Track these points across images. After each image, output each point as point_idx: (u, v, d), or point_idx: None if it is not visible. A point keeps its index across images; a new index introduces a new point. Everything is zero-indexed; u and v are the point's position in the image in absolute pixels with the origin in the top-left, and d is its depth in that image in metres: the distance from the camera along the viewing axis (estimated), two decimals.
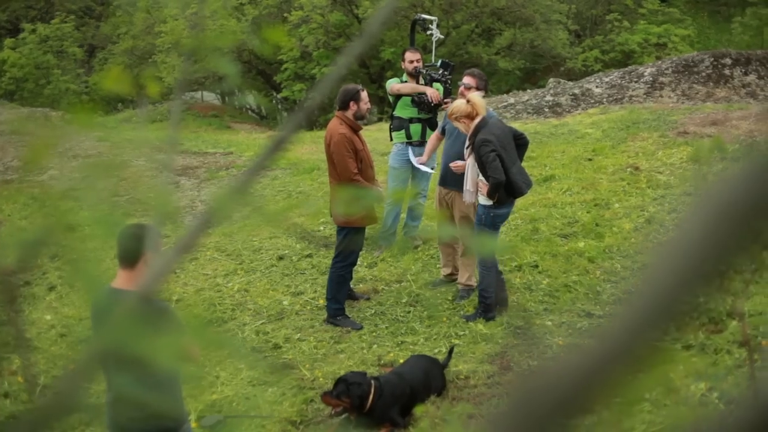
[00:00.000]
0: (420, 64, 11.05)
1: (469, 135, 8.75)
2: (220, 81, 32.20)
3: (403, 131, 11.04)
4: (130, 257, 5.10)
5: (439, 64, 11.07)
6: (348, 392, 7.03)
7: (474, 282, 9.70)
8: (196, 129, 27.29)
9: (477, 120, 8.69)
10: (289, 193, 14.80)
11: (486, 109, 8.94)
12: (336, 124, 9.20)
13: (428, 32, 12.10)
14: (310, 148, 17.76)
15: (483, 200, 8.81)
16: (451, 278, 10.11)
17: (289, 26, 33.05)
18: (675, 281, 0.82)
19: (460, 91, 9.67)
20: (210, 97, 39.56)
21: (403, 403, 7.20)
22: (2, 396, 8.25)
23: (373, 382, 7.14)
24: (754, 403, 0.88)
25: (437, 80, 10.83)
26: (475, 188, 8.87)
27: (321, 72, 32.18)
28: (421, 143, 10.92)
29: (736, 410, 0.90)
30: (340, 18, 33.47)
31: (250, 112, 39.89)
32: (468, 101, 8.79)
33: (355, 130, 9.23)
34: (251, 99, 40.39)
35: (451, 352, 8.06)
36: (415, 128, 10.94)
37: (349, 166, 8.99)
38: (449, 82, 10.84)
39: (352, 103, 9.18)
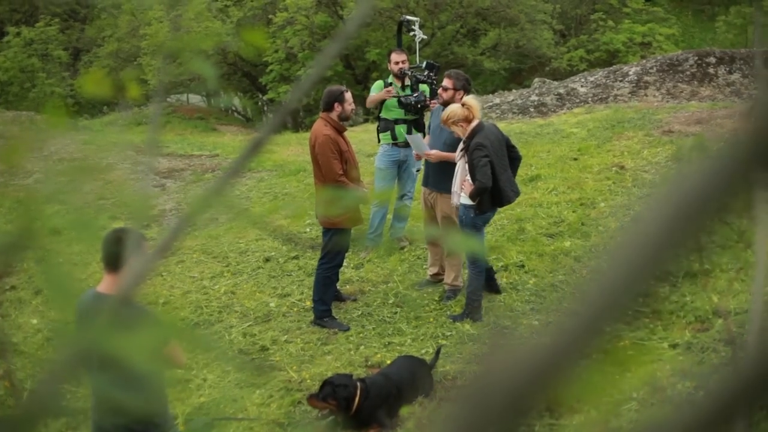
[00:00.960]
0: (406, 66, 11.05)
1: (464, 138, 8.75)
2: (205, 83, 32.22)
3: (388, 132, 11.05)
4: (115, 261, 5.10)
5: (424, 65, 11.08)
6: (334, 394, 7.02)
7: (460, 282, 9.70)
8: (182, 131, 27.28)
9: (473, 123, 8.70)
10: (275, 194, 14.79)
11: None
12: (321, 126, 9.19)
13: (411, 33, 12.11)
14: (295, 149, 17.77)
15: (465, 200, 8.82)
16: (437, 278, 10.11)
17: (274, 28, 33.08)
18: (624, 276, 0.83)
19: (439, 93, 9.69)
20: (195, 99, 39.55)
21: (390, 404, 7.20)
22: None
23: (359, 383, 7.13)
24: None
25: (423, 81, 10.84)
26: (460, 189, 8.88)
27: (306, 73, 32.18)
28: (407, 144, 10.93)
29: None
30: (325, 19, 33.50)
31: (235, 114, 39.88)
32: (464, 104, 8.80)
33: (340, 131, 9.23)
34: (237, 101, 40.35)
35: (438, 352, 8.06)
36: (401, 129, 10.94)
37: (334, 168, 8.98)
38: (435, 83, 10.85)
39: (336, 105, 9.17)
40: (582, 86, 21.20)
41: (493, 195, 8.65)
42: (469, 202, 8.77)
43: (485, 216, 8.97)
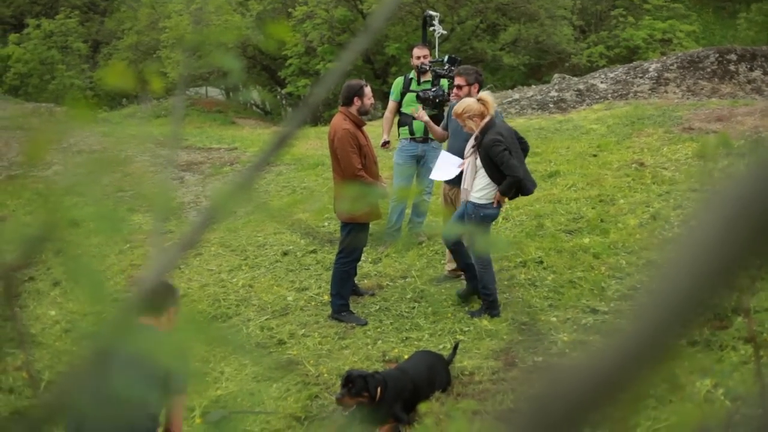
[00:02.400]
0: (427, 60, 11.04)
1: (476, 134, 8.72)
2: (225, 76, 32.23)
3: (407, 127, 11.05)
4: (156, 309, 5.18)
5: (445, 59, 11.06)
6: (366, 387, 7.02)
7: None
8: (201, 124, 27.32)
9: (486, 119, 8.67)
10: (293, 188, 14.80)
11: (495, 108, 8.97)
12: (340, 120, 9.19)
13: (431, 28, 12.10)
14: (314, 143, 17.77)
15: (474, 198, 8.79)
16: (455, 273, 10.07)
17: (293, 21, 33.08)
18: (696, 280, 0.81)
19: (454, 93, 9.65)
20: (214, 92, 39.59)
21: (407, 399, 7.18)
22: (7, 392, 8.26)
23: (379, 377, 7.13)
24: (761, 401, 0.87)
25: (443, 76, 10.81)
26: (470, 187, 8.85)
27: (325, 67, 32.21)
28: (425, 139, 10.92)
29: (743, 407, 0.89)
30: (345, 13, 33.49)
31: (254, 107, 39.91)
32: (479, 100, 8.76)
33: (359, 125, 9.22)
34: (255, 94, 40.38)
35: (456, 348, 8.04)
36: (419, 125, 10.92)
37: (353, 162, 8.97)
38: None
39: (356, 99, 9.16)
40: (602, 82, 21.14)
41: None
42: (483, 200, 8.74)
43: (493, 212, 8.93)
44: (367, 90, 9.32)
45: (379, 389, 7.02)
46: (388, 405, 7.07)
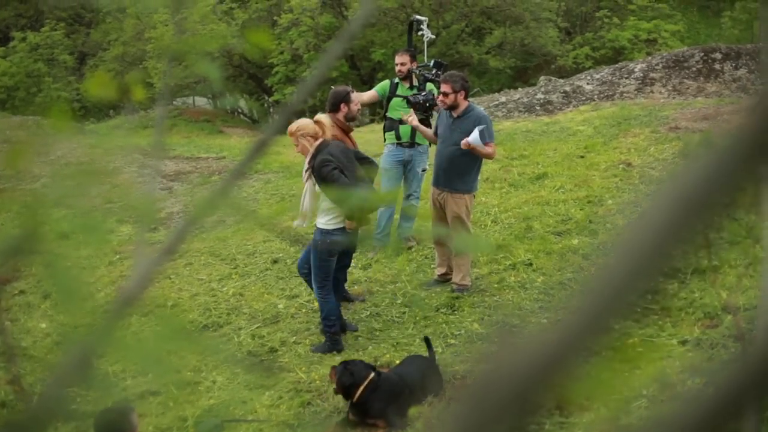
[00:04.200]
0: (405, 68, 11.03)
1: (308, 158, 8.59)
2: (211, 86, 32.26)
3: (393, 132, 11.05)
4: None
5: (432, 64, 11.08)
6: (341, 377, 7.12)
7: (469, 281, 9.71)
8: (188, 134, 27.34)
9: (318, 141, 8.56)
10: (282, 196, 14.80)
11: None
12: None
13: (419, 32, 12.11)
14: None
15: (321, 224, 8.69)
16: (445, 278, 10.07)
17: (279, 29, 33.09)
18: (630, 272, 0.82)
19: (440, 100, 9.65)
20: (201, 101, 39.58)
21: (400, 404, 7.20)
22: None
23: (372, 374, 7.15)
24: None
25: (430, 80, 10.83)
26: (312, 212, 8.77)
27: (311, 74, 32.23)
28: (411, 144, 10.93)
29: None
30: (330, 20, 33.51)
31: (242, 116, 39.90)
32: (316, 121, 8.64)
33: (347, 131, 9.24)
34: (243, 103, 40.39)
35: (428, 343, 7.91)
36: (405, 129, 10.92)
37: None
38: None
39: (342, 105, 9.18)
40: (588, 84, 21.19)
41: None
42: (325, 226, 8.66)
43: (341, 239, 8.71)
44: (354, 96, 9.34)
45: (361, 388, 7.07)
46: (379, 404, 7.09)
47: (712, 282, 7.82)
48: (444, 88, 9.44)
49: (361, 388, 7.09)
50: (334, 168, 8.30)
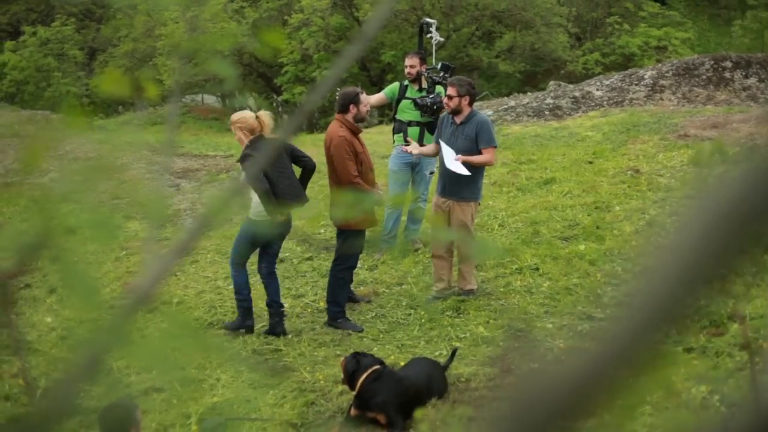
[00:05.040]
0: (414, 70, 11.04)
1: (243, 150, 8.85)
2: (221, 84, 32.27)
3: (401, 134, 11.05)
4: None
5: (439, 66, 11.08)
6: (346, 366, 7.21)
7: (474, 285, 9.70)
8: (197, 132, 27.34)
9: (253, 137, 8.80)
10: None
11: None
12: (336, 127, 9.20)
13: (428, 35, 12.10)
14: (310, 151, 17.65)
15: (252, 216, 8.95)
16: (443, 293, 9.95)
17: (289, 29, 33.10)
18: (675, 283, 0.82)
19: (445, 102, 9.61)
20: (210, 99, 39.59)
21: (405, 404, 7.19)
22: (3, 399, 8.25)
23: (375, 366, 7.18)
24: (755, 407, 0.88)
25: (438, 83, 10.84)
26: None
27: (321, 75, 32.24)
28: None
29: (738, 414, 0.89)
30: (341, 21, 33.54)
31: None
32: (257, 117, 8.94)
33: (355, 132, 9.23)
34: (252, 101, 40.40)
35: (454, 353, 8.03)
36: (413, 131, 10.94)
37: (349, 169, 8.98)
38: None
39: (351, 106, 9.17)
40: (597, 90, 21.16)
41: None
42: (255, 217, 8.96)
43: (266, 231, 9.02)
44: (363, 97, 9.33)
45: (362, 378, 7.11)
46: (378, 396, 7.09)
47: (719, 290, 7.81)
48: (450, 91, 9.41)
49: (364, 376, 7.11)
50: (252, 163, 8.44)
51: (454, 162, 9.22)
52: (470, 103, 9.38)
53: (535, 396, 0.85)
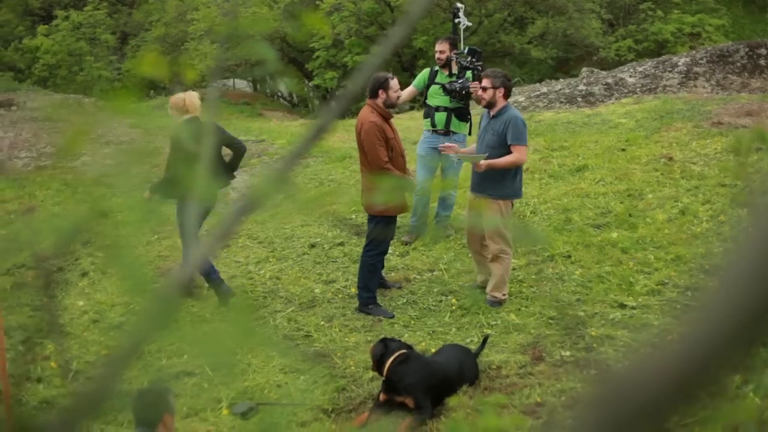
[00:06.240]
0: (444, 55, 11.03)
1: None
2: (252, 68, 32.26)
3: (429, 119, 11.05)
4: (149, 421, 5.30)
5: (466, 51, 11.04)
6: (374, 350, 7.33)
7: (504, 296, 9.40)
8: (228, 116, 27.36)
9: (186, 117, 9.50)
10: (321, 181, 14.80)
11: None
12: (367, 113, 9.18)
13: (456, 20, 12.05)
14: (341, 136, 17.76)
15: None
16: (485, 285, 9.84)
17: (321, 14, 33.05)
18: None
19: (480, 95, 9.54)
20: (242, 84, 39.62)
21: (435, 389, 7.19)
22: (35, 381, 8.30)
23: (401, 350, 7.20)
24: None
25: (467, 67, 10.80)
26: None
27: (353, 60, 32.22)
28: (446, 132, 10.90)
29: None
30: (372, 6, 33.45)
31: (281, 99, 39.92)
32: (184, 99, 9.52)
33: (386, 118, 9.21)
34: (284, 86, 40.38)
35: (485, 340, 8.02)
36: (440, 117, 10.92)
37: (380, 155, 8.97)
38: (478, 69, 10.79)
39: (381, 92, 9.15)
40: (630, 76, 21.04)
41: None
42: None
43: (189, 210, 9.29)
44: (393, 82, 9.30)
45: (389, 363, 7.12)
46: (406, 379, 7.09)
47: None
48: (485, 82, 9.34)
49: (391, 360, 7.12)
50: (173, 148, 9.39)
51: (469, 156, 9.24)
52: (505, 96, 9.27)
53: (624, 393, 0.83)
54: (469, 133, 11.13)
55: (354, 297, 9.68)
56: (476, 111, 10.79)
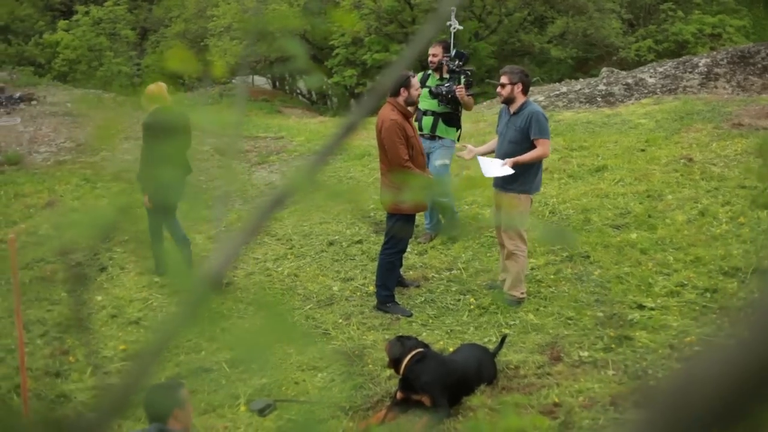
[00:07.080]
0: (436, 59, 11.01)
1: None
2: (272, 65, 32.30)
3: (418, 123, 10.99)
4: (159, 416, 5.32)
5: (453, 54, 11.02)
6: (391, 348, 7.35)
7: (522, 294, 9.35)
8: (248, 113, 27.40)
9: (155, 107, 10.08)
10: (339, 178, 14.81)
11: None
12: (387, 111, 9.17)
13: (448, 23, 12.02)
14: (361, 134, 17.77)
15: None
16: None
17: (341, 12, 33.04)
18: None
19: (497, 91, 9.51)
20: (260, 81, 39.68)
21: (450, 386, 7.18)
22: (53, 375, 8.32)
23: (418, 348, 7.20)
24: None
25: (455, 71, 10.79)
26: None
27: (372, 58, 32.21)
28: (432, 137, 10.85)
29: None
30: (392, 4, 33.42)
31: (300, 97, 39.95)
32: (155, 89, 10.26)
33: (407, 116, 9.21)
34: (303, 83, 40.42)
35: (503, 340, 8.02)
36: (427, 121, 10.90)
37: (401, 153, 8.96)
38: (467, 73, 10.77)
39: (402, 90, 9.13)
40: (651, 77, 20.98)
41: None
42: None
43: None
44: (414, 81, 9.30)
45: (405, 361, 7.13)
46: (423, 377, 7.09)
47: None
48: (502, 79, 9.32)
49: (407, 358, 7.12)
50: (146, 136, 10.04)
51: (491, 170, 9.12)
52: (524, 92, 9.24)
53: (684, 400, 0.82)
54: (458, 140, 11.10)
55: (372, 295, 9.69)
56: (476, 115, 10.77)
